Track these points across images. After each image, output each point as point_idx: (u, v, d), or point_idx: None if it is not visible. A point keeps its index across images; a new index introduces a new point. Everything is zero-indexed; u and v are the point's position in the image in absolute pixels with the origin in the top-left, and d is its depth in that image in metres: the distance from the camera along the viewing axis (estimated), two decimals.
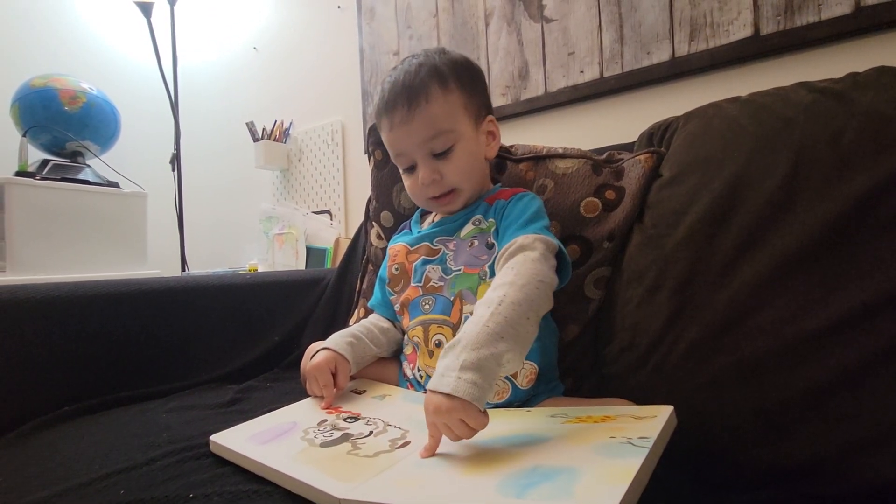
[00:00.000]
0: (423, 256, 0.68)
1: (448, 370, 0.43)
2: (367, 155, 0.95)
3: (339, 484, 0.39)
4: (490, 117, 0.69)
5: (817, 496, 0.45)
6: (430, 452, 0.43)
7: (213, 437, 0.51)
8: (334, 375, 0.62)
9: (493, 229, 0.64)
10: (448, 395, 0.41)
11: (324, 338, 0.67)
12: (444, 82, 0.62)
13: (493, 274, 0.60)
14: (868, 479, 0.43)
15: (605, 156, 0.75)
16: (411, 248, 0.70)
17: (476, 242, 0.64)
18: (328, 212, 1.67)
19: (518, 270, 0.51)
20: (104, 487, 0.44)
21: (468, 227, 0.66)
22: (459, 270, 0.63)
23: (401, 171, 0.69)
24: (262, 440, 0.50)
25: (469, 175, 0.66)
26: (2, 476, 0.50)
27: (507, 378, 0.58)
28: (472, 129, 0.65)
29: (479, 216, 0.67)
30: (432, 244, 0.68)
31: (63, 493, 0.44)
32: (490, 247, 0.63)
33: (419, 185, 0.65)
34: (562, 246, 0.58)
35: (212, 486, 0.44)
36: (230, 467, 0.47)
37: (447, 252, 0.66)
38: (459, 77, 0.64)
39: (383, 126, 0.66)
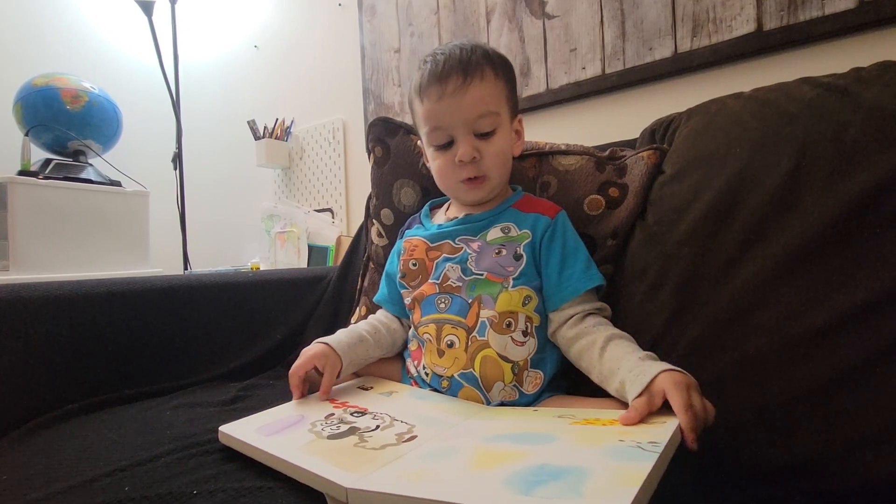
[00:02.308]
0: (444, 254, 0.66)
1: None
2: (367, 152, 0.95)
3: (347, 474, 0.39)
4: (520, 116, 0.70)
5: (820, 493, 0.45)
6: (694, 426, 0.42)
7: (222, 428, 0.51)
8: (318, 371, 0.60)
9: (525, 241, 0.63)
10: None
11: (326, 335, 0.67)
12: (495, 68, 0.64)
13: (515, 285, 0.60)
14: (871, 476, 0.43)
15: (607, 153, 0.75)
16: (431, 245, 0.68)
17: (504, 251, 0.63)
18: (330, 210, 1.67)
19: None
20: (109, 484, 0.44)
21: (495, 232, 0.65)
22: (482, 275, 0.62)
23: (431, 149, 0.66)
24: (270, 432, 0.50)
25: (503, 164, 0.66)
26: (6, 473, 0.51)
27: (514, 385, 0.58)
28: (509, 120, 0.67)
29: (508, 223, 0.65)
30: (454, 242, 0.66)
31: (68, 490, 0.44)
32: (518, 258, 0.62)
33: (454, 164, 0.63)
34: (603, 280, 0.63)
35: (216, 482, 0.44)
36: (234, 464, 0.48)
37: (469, 252, 0.64)
38: (506, 70, 0.66)
39: (431, 95, 0.62)
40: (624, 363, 0.50)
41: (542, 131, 1.16)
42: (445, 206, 0.76)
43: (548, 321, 0.62)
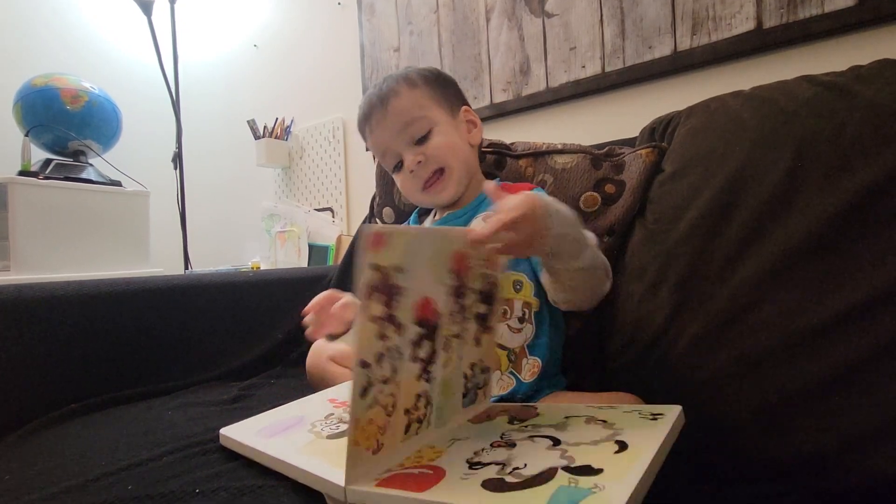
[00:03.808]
0: None
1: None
2: (369, 150, 0.95)
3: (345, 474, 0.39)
4: (465, 107, 0.72)
5: (818, 490, 0.45)
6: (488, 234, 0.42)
7: (223, 431, 0.52)
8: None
9: None
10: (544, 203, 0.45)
11: None
12: (410, 82, 0.68)
13: (503, 271, 0.60)
14: (868, 473, 0.43)
15: (605, 150, 0.75)
16: None
17: None
18: (330, 209, 1.68)
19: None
20: (111, 483, 0.45)
21: (476, 223, 0.65)
22: None
23: (392, 173, 0.71)
24: (270, 433, 0.50)
25: (454, 153, 0.67)
26: (9, 473, 0.51)
27: (510, 372, 0.58)
28: (447, 117, 0.68)
29: (487, 212, 0.66)
30: None
31: (71, 490, 0.44)
32: None
33: (408, 176, 0.67)
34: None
35: (217, 481, 0.44)
36: (236, 463, 0.48)
37: None
38: (426, 78, 0.69)
39: (366, 134, 0.70)
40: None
41: (542, 130, 1.17)
42: (433, 211, 0.76)
43: None
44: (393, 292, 0.39)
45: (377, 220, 0.93)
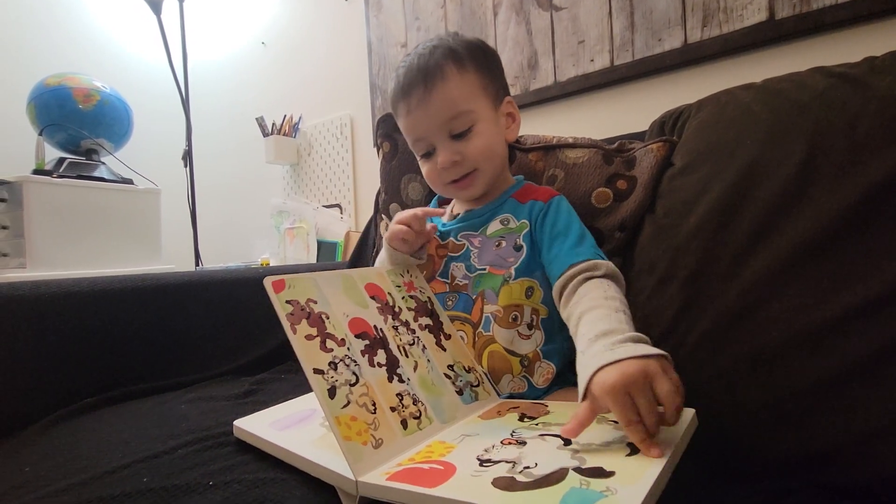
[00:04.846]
0: (449, 253, 0.67)
1: (616, 344, 0.41)
2: (375, 147, 0.96)
3: None
4: (508, 98, 0.69)
5: (830, 486, 0.45)
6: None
7: (237, 423, 0.53)
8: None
9: (524, 231, 0.63)
10: (637, 358, 0.39)
11: None
12: (460, 62, 0.62)
13: (517, 276, 0.60)
14: (881, 468, 0.43)
15: (616, 145, 0.74)
16: (440, 242, 0.68)
17: (504, 243, 0.63)
18: (338, 205, 1.68)
19: (606, 290, 0.53)
20: (127, 476, 0.46)
21: (495, 225, 0.65)
22: (484, 270, 0.63)
23: (418, 157, 0.68)
24: (283, 426, 0.51)
25: (490, 155, 0.64)
26: (29, 465, 0.52)
27: (523, 376, 0.58)
28: (490, 110, 0.65)
29: (507, 215, 0.65)
30: (456, 240, 0.67)
31: (88, 482, 0.45)
32: (518, 248, 0.62)
33: (438, 170, 0.64)
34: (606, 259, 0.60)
35: (231, 473, 0.45)
36: (248, 456, 0.49)
37: (471, 249, 0.65)
38: (475, 57, 0.64)
39: (400, 111, 0.65)
40: (578, 356, 0.46)
41: (550, 125, 1.16)
42: (452, 202, 0.76)
43: None
44: (316, 317, 0.46)
45: (383, 216, 0.93)
